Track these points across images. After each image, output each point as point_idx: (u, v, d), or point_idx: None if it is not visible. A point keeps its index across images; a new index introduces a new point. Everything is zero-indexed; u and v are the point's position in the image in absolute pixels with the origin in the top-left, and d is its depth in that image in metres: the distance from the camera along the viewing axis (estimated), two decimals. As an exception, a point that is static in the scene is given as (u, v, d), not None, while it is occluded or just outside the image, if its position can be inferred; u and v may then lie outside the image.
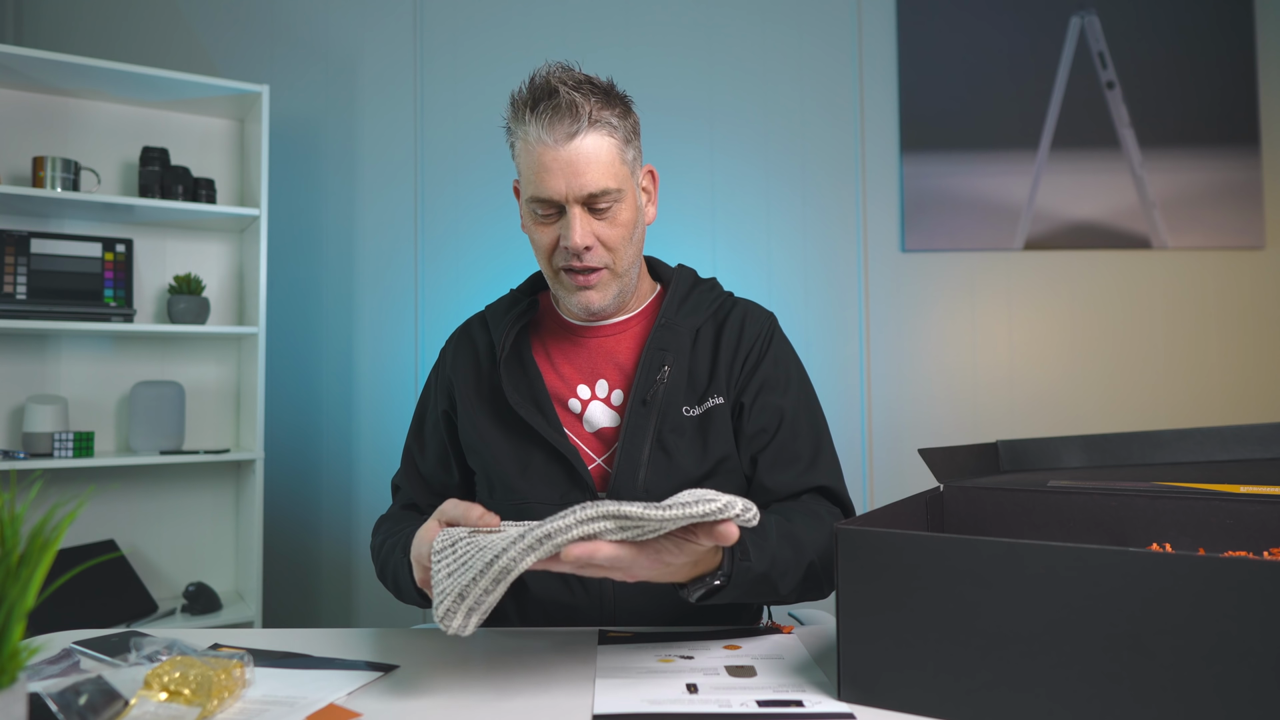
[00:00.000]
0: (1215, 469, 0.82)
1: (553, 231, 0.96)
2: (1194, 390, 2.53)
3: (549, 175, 0.92)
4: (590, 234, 0.94)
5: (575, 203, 0.93)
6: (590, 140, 0.92)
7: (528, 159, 0.94)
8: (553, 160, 0.92)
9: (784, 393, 1.03)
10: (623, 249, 0.98)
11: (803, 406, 1.04)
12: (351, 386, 2.45)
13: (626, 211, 0.97)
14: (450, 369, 1.10)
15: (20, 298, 1.97)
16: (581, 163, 0.92)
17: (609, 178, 0.93)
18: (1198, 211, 2.54)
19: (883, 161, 2.55)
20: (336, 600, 2.42)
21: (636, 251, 1.02)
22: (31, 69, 1.98)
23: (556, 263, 0.98)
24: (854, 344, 2.52)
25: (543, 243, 0.98)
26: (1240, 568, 0.52)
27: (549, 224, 0.97)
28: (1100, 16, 2.56)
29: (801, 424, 1.02)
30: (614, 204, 0.95)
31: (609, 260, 0.97)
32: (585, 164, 0.92)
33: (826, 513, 0.97)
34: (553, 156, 0.92)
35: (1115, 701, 0.56)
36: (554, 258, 0.98)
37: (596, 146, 0.93)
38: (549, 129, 0.91)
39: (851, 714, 0.64)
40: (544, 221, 0.97)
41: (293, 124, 2.43)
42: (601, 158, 0.93)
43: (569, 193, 0.93)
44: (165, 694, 0.65)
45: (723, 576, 0.78)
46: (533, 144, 0.93)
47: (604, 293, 0.99)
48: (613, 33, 2.52)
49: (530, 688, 0.72)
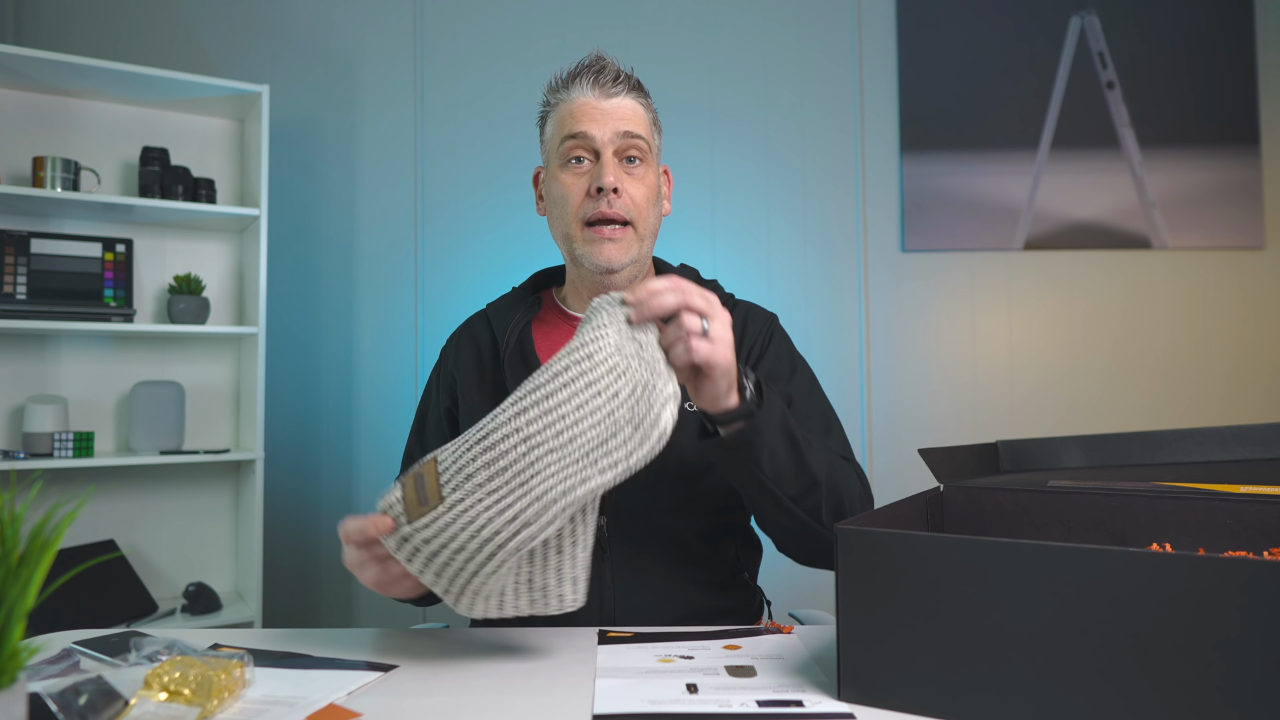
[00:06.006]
0: (1215, 469, 0.82)
1: (583, 181, 1.00)
2: (1194, 390, 2.53)
3: (589, 119, 1.00)
4: (623, 178, 1.00)
5: (610, 145, 0.99)
6: (630, 101, 1.02)
7: (567, 111, 1.02)
8: (594, 109, 1.00)
9: (788, 381, 1.04)
10: (646, 209, 1.02)
11: (809, 392, 1.05)
12: (351, 386, 2.45)
13: (652, 176, 1.03)
14: (453, 365, 1.10)
15: (20, 298, 1.97)
16: (621, 112, 1.01)
17: (644, 130, 1.02)
18: (1198, 211, 2.54)
19: (882, 161, 2.55)
20: (336, 600, 2.42)
21: (656, 224, 1.05)
22: (31, 69, 1.98)
23: (585, 212, 1.00)
24: (854, 344, 2.52)
25: (572, 194, 1.01)
26: (1240, 568, 0.52)
27: (580, 174, 1.01)
28: (1100, 16, 2.56)
29: (810, 408, 1.03)
30: (643, 161, 1.02)
31: (634, 214, 1.00)
32: (624, 114, 1.01)
33: (845, 463, 0.98)
34: (594, 105, 1.00)
35: (1115, 702, 0.56)
36: (582, 208, 1.00)
37: (635, 107, 1.02)
38: (594, 86, 1.01)
39: (851, 714, 0.64)
40: (576, 172, 1.01)
41: (293, 124, 2.43)
42: (639, 115, 1.02)
43: (605, 133, 0.99)
44: (165, 694, 0.65)
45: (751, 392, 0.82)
46: (575, 99, 1.01)
47: (624, 250, 1.00)
48: (613, 33, 2.52)
49: (530, 688, 0.72)
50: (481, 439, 0.71)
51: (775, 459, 0.85)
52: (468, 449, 0.71)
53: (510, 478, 0.69)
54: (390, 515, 0.72)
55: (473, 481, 0.70)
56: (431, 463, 0.73)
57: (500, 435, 0.70)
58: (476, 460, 0.70)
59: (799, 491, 0.88)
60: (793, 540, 0.96)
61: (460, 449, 0.72)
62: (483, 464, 0.70)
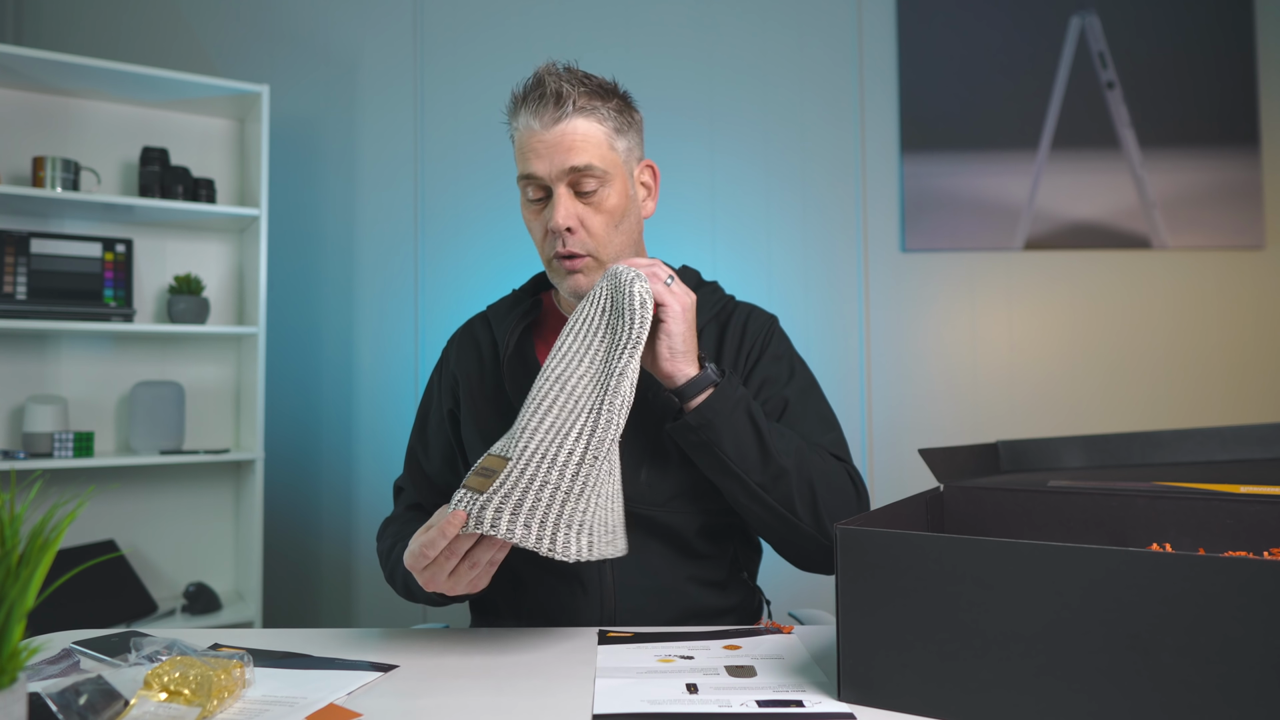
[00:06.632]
0: (1215, 469, 0.82)
1: (542, 220, 0.99)
2: (1194, 390, 2.53)
3: (535, 156, 0.96)
4: (574, 216, 0.97)
5: (559, 181, 0.96)
6: (575, 124, 0.96)
7: (519, 145, 0.99)
8: (540, 142, 0.96)
9: (786, 384, 1.03)
10: (606, 236, 0.99)
11: (806, 393, 1.05)
12: (351, 386, 2.45)
13: (614, 198, 0.98)
14: (455, 367, 1.10)
15: (20, 298, 1.97)
16: (565, 143, 0.95)
17: (593, 158, 0.96)
18: (1198, 211, 2.54)
19: (883, 161, 2.55)
20: (336, 600, 2.42)
21: (625, 241, 1.02)
22: (31, 69, 1.98)
23: (547, 251, 1.00)
24: (854, 344, 2.52)
25: (536, 230, 1.01)
26: (1240, 568, 0.52)
27: (539, 210, 1.00)
28: (1100, 16, 2.56)
29: (807, 410, 1.03)
30: (599, 187, 0.97)
31: (592, 247, 0.98)
32: (568, 144, 0.95)
33: (830, 456, 0.98)
34: (539, 139, 0.96)
35: (1115, 702, 0.56)
36: (545, 245, 1.00)
37: (581, 130, 0.96)
38: (536, 115, 0.96)
39: (851, 714, 0.64)
40: (534, 207, 1.00)
41: (293, 124, 2.43)
42: (587, 140, 0.96)
43: (551, 170, 0.96)
44: (165, 694, 0.65)
45: (712, 368, 0.90)
46: (522, 130, 0.98)
47: (591, 278, 1.00)
48: (613, 33, 2.52)
49: (530, 688, 0.72)
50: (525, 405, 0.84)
51: (738, 440, 0.88)
52: (517, 420, 0.84)
53: (556, 396, 0.83)
54: (460, 510, 0.76)
55: (527, 430, 0.80)
56: (485, 457, 0.82)
57: (534, 390, 0.85)
58: (524, 417, 0.82)
59: (767, 479, 0.90)
60: (778, 539, 0.96)
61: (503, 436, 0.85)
62: (530, 413, 0.82)
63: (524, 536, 0.75)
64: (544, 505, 0.76)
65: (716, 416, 0.88)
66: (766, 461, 0.90)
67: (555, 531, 0.76)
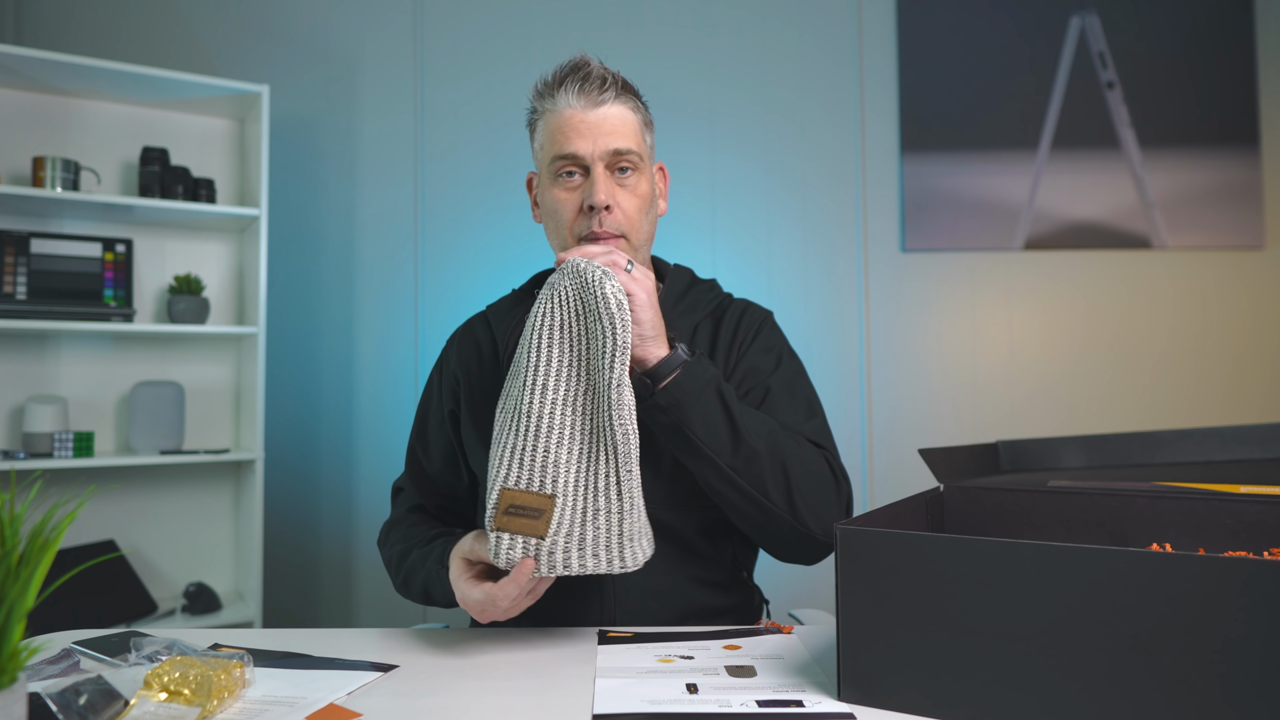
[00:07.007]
0: (1215, 469, 0.82)
1: (575, 197, 0.99)
2: (1194, 390, 2.53)
3: (578, 135, 0.97)
4: (614, 195, 0.98)
5: (600, 161, 0.97)
6: (617, 109, 0.99)
7: (555, 125, 0.99)
8: (581, 122, 0.97)
9: (771, 374, 1.03)
10: (639, 221, 1.00)
11: (791, 384, 1.04)
12: (351, 386, 2.45)
13: (644, 185, 1.01)
14: (455, 366, 1.10)
15: (20, 298, 1.97)
16: (609, 125, 0.97)
17: (632, 142, 0.99)
18: (1198, 211, 2.54)
19: (883, 161, 2.55)
20: (336, 600, 2.42)
21: (650, 232, 1.04)
22: (31, 69, 1.98)
23: (578, 230, 0.99)
24: (854, 344, 2.52)
25: (565, 210, 1.00)
26: (1240, 568, 0.52)
27: (572, 189, 0.99)
28: (1100, 16, 2.56)
29: (788, 398, 1.02)
30: (634, 171, 1.00)
31: (626, 229, 0.99)
32: (612, 126, 0.98)
33: (808, 442, 0.97)
34: (581, 119, 0.97)
35: (1115, 702, 0.56)
36: (575, 225, 0.99)
37: (622, 114, 0.99)
38: (579, 95, 0.97)
39: (851, 714, 0.64)
40: (567, 186, 0.99)
41: (293, 124, 2.43)
42: (626, 125, 0.99)
43: (595, 150, 0.97)
44: (165, 694, 0.65)
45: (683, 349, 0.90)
46: (561, 111, 0.98)
47: None
48: (613, 33, 2.52)
49: (530, 688, 0.72)
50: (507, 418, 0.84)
51: (708, 421, 0.88)
52: (508, 451, 0.82)
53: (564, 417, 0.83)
54: (524, 558, 0.79)
55: (550, 462, 0.81)
56: (503, 493, 0.81)
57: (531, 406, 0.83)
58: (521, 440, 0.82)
59: (739, 461, 0.89)
60: (756, 528, 0.95)
61: (502, 464, 0.82)
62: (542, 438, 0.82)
63: (595, 565, 0.79)
64: (604, 531, 0.81)
65: (685, 396, 0.88)
66: (738, 443, 0.89)
67: (621, 550, 0.81)
